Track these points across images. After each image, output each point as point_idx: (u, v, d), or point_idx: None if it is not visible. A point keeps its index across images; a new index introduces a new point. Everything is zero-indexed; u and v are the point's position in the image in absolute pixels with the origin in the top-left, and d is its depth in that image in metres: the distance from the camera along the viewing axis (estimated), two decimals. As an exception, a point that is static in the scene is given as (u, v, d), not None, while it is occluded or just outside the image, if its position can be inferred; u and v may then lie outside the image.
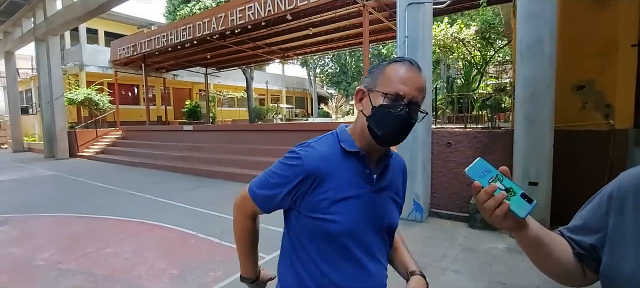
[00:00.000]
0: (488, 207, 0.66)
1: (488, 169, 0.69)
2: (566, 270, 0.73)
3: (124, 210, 5.46)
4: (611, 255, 0.66)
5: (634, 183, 0.67)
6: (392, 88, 0.89)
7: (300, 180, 0.92)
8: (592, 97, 4.08)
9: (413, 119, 0.91)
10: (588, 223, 0.73)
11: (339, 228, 0.93)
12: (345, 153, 0.96)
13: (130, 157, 11.46)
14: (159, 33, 12.16)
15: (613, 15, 3.94)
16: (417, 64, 0.94)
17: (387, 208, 1.02)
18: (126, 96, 18.17)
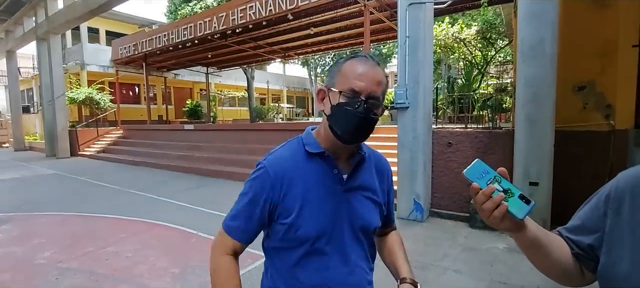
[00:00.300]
0: (486, 209, 0.66)
1: (486, 171, 0.69)
2: (564, 271, 0.74)
3: (125, 209, 5.48)
4: (608, 256, 0.66)
5: (631, 184, 0.67)
6: (348, 85, 0.88)
7: (270, 188, 0.92)
8: (592, 98, 4.08)
9: (372, 115, 0.89)
10: (586, 223, 0.73)
11: (308, 232, 0.92)
12: (310, 156, 0.96)
13: (131, 156, 11.47)
14: (160, 32, 12.17)
15: (613, 16, 3.94)
16: (374, 57, 0.93)
17: (361, 208, 0.99)
18: (127, 95, 18.19)
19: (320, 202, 0.94)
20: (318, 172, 0.95)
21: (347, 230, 0.96)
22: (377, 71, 0.90)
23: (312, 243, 0.93)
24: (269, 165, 0.94)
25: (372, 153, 1.08)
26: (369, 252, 1.04)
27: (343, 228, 0.96)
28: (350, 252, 0.97)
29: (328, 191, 0.95)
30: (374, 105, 0.89)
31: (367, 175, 1.02)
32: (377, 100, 0.89)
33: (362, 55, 0.93)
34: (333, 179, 0.96)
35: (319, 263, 0.94)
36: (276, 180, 0.92)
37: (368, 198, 1.00)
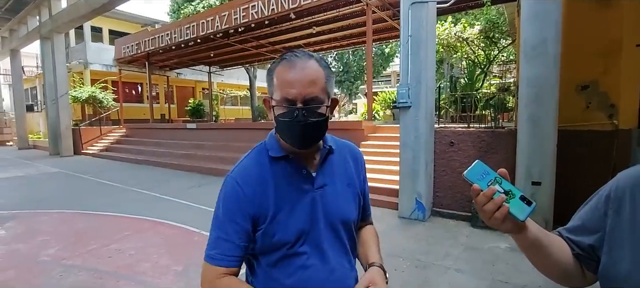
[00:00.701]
0: (487, 210, 0.66)
1: (487, 172, 0.68)
2: (565, 271, 0.74)
3: (128, 207, 5.51)
4: (609, 256, 0.66)
5: (631, 183, 0.67)
6: (281, 94, 0.85)
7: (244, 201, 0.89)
8: (596, 97, 4.06)
9: (314, 118, 0.85)
10: (586, 223, 0.73)
11: (285, 237, 0.90)
12: (275, 160, 0.94)
13: (134, 154, 11.52)
14: (162, 31, 12.21)
15: (617, 15, 3.93)
16: (302, 54, 0.87)
17: (337, 201, 0.97)
18: (130, 94, 18.26)
19: (293, 204, 0.92)
20: (286, 175, 0.93)
21: (324, 228, 0.94)
22: (307, 71, 0.84)
23: (290, 246, 0.91)
24: (237, 178, 0.92)
25: (341, 144, 1.06)
26: (349, 247, 1.01)
27: (320, 227, 0.94)
28: (328, 250, 0.94)
29: (300, 192, 0.93)
30: (313, 109, 0.85)
31: (339, 166, 1.00)
32: (315, 101, 0.85)
33: (290, 54, 0.87)
34: (303, 179, 0.94)
35: (297, 263, 0.92)
36: (248, 192, 0.90)
37: (344, 192, 0.99)
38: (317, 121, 0.86)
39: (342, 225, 0.98)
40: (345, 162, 1.02)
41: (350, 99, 28.03)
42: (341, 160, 1.02)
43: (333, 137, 1.04)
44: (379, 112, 13.07)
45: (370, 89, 8.28)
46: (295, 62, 0.85)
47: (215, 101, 19.74)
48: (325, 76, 0.88)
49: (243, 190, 0.90)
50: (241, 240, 0.90)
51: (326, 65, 0.90)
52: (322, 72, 0.87)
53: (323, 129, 0.90)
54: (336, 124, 9.37)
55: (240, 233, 0.89)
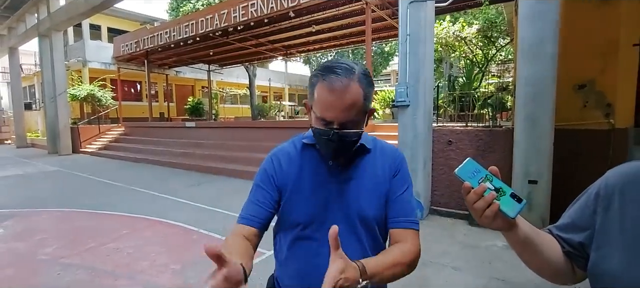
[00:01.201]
0: (478, 208, 0.66)
1: (478, 170, 0.69)
2: (556, 268, 0.75)
3: (127, 206, 5.51)
4: (598, 253, 0.67)
5: (620, 181, 0.68)
6: (319, 111, 0.87)
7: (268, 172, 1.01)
8: (593, 97, 4.08)
9: (348, 138, 0.89)
10: (576, 221, 0.74)
11: (298, 217, 0.98)
12: (306, 147, 1.01)
13: (133, 153, 11.51)
14: (161, 29, 12.19)
15: (615, 15, 3.94)
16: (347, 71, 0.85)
17: (356, 196, 0.98)
18: (129, 92, 18.22)
19: (311, 190, 0.98)
20: (312, 161, 1.00)
21: (340, 220, 0.95)
22: (347, 95, 0.85)
23: (302, 228, 0.98)
24: (272, 154, 1.05)
25: (383, 146, 1.07)
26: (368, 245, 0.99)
27: (336, 218, 0.96)
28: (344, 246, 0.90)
29: (320, 180, 0.98)
30: (347, 133, 0.88)
31: (369, 167, 1.01)
32: (350, 124, 0.88)
33: (333, 73, 0.85)
34: (328, 169, 0.99)
35: (308, 248, 0.98)
36: (273, 166, 1.01)
37: (367, 190, 0.99)
38: (351, 140, 0.91)
39: (360, 221, 0.98)
40: (379, 163, 1.02)
41: (349, 98, 27.90)
42: (375, 161, 1.02)
43: (375, 139, 1.07)
44: (378, 111, 13.07)
45: (369, 88, 8.26)
46: (335, 85, 0.84)
47: (214, 100, 19.73)
48: (364, 96, 0.88)
49: (273, 164, 1.01)
50: (265, 204, 0.98)
51: (367, 82, 0.89)
52: (361, 93, 0.87)
53: (355, 143, 0.94)
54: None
55: (266, 198, 0.99)
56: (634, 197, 0.65)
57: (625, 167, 0.70)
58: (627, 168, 0.70)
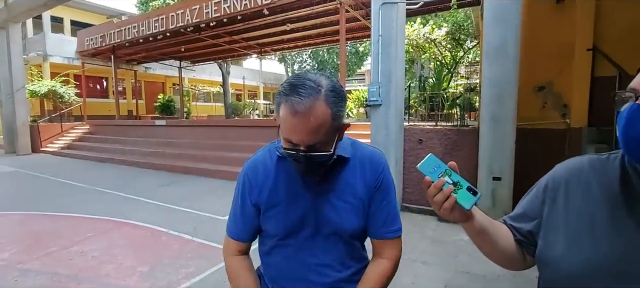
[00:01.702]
0: (437, 201, 0.70)
1: (438, 165, 0.73)
2: (509, 256, 0.80)
3: (91, 207, 5.27)
4: (545, 240, 0.73)
5: (566, 175, 0.75)
6: (285, 133, 0.83)
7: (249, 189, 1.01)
8: (551, 98, 4.33)
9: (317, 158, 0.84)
10: (527, 211, 0.80)
11: (276, 231, 0.98)
12: (281, 159, 0.97)
13: (98, 152, 11.02)
14: (129, 24, 11.72)
15: (570, 21, 4.20)
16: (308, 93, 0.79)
17: (335, 213, 0.96)
18: (94, 89, 17.41)
19: (287, 204, 0.96)
20: (287, 175, 0.97)
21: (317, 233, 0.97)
22: (311, 118, 0.79)
23: (281, 238, 0.99)
24: (246, 169, 1.03)
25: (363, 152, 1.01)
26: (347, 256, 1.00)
27: (311, 231, 0.97)
28: (321, 253, 0.97)
29: (297, 194, 0.96)
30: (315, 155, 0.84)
31: (347, 178, 0.97)
32: (317, 146, 0.83)
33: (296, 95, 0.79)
34: (303, 183, 0.96)
35: (287, 252, 1.00)
36: (252, 182, 1.00)
37: (345, 202, 0.96)
38: (321, 160, 0.86)
39: (336, 235, 0.97)
40: (359, 173, 0.98)
41: (324, 97, 27.99)
42: (354, 170, 0.98)
43: (356, 144, 1.01)
44: (352, 110, 13.22)
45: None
46: (298, 108, 0.78)
47: (186, 97, 19.20)
48: (332, 115, 0.82)
49: (248, 179, 1.01)
50: (249, 221, 1.02)
51: (336, 99, 0.83)
52: (329, 113, 0.81)
53: (328, 161, 0.89)
54: (309, 121, 9.38)
55: (247, 215, 1.02)
56: (576, 189, 0.72)
57: (571, 161, 0.77)
58: (572, 163, 0.77)
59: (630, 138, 0.61)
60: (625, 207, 0.64)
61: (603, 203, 0.67)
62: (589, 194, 0.70)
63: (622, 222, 0.64)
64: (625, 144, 0.63)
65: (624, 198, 0.65)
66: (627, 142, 0.62)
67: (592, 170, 0.72)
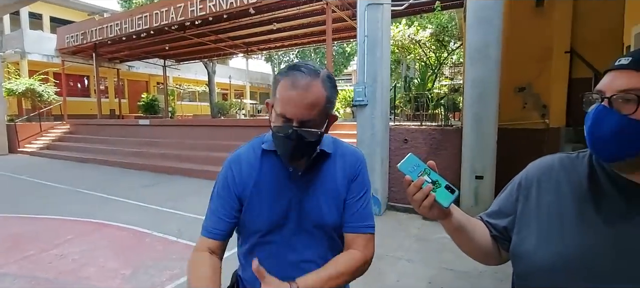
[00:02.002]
0: (417, 199, 0.72)
1: (418, 164, 0.75)
2: (485, 251, 0.83)
3: (72, 209, 5.14)
4: (518, 236, 0.76)
5: (538, 172, 0.78)
6: (280, 108, 0.85)
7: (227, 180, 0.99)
8: (531, 98, 4.46)
9: (307, 137, 0.86)
10: (502, 208, 0.83)
11: (258, 225, 0.97)
12: (266, 152, 0.99)
13: (79, 152, 10.74)
14: (112, 21, 11.46)
15: (549, 25, 4.34)
16: (312, 70, 0.86)
17: (315, 206, 0.97)
18: (75, 88, 16.94)
19: (271, 197, 0.96)
20: (272, 168, 0.98)
21: (300, 227, 0.98)
22: (309, 93, 0.84)
23: (263, 235, 0.98)
24: (229, 161, 1.01)
25: (344, 149, 1.04)
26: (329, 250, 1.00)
27: (295, 226, 0.98)
28: (302, 248, 0.98)
29: (280, 187, 0.97)
30: (306, 132, 0.86)
31: (329, 173, 1.00)
32: (310, 123, 0.86)
33: (297, 70, 0.86)
34: (287, 176, 0.97)
35: (269, 250, 0.98)
36: (235, 175, 0.98)
37: (327, 197, 0.98)
38: (309, 141, 0.88)
39: (318, 228, 0.98)
40: (339, 167, 1.00)
41: (311, 97, 27.96)
42: (335, 166, 1.00)
43: (337, 141, 1.04)
44: (339, 110, 13.28)
45: (329, 87, 8.37)
46: (298, 81, 0.84)
47: (171, 96, 18.88)
48: (327, 98, 0.87)
49: (232, 171, 0.99)
50: (226, 216, 0.98)
51: (331, 85, 0.89)
52: (324, 95, 0.86)
53: (314, 146, 0.92)
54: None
55: (225, 209, 0.98)
56: (547, 186, 0.75)
57: (543, 160, 0.80)
58: (543, 162, 0.80)
59: (596, 138, 0.64)
60: (592, 203, 0.67)
61: (572, 200, 0.70)
62: (559, 191, 0.73)
63: (590, 218, 0.67)
64: (591, 143, 0.66)
65: (592, 194, 0.68)
66: (592, 141, 0.65)
67: (562, 168, 0.75)
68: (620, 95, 0.61)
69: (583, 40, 4.30)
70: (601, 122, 0.63)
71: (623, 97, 0.61)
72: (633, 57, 0.62)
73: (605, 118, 0.63)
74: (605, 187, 0.67)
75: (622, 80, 0.62)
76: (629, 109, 0.60)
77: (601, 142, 0.64)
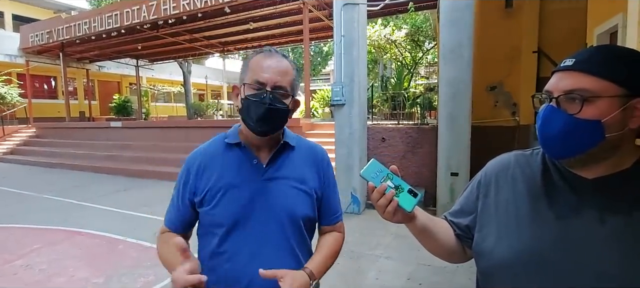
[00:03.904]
0: (381, 205, 0.73)
1: (380, 169, 0.75)
2: (450, 250, 0.85)
3: (39, 216, 4.89)
4: (480, 233, 0.78)
5: (496, 170, 0.80)
6: (254, 77, 0.92)
7: (187, 175, 1.01)
8: (502, 97, 4.63)
9: (280, 104, 0.92)
10: (464, 207, 0.85)
11: (222, 219, 0.95)
12: (229, 146, 1.01)
13: (47, 157, 10.24)
14: (80, 19, 10.99)
15: (517, 26, 4.52)
16: (277, 51, 0.98)
17: (284, 197, 0.98)
18: (41, 89, 16.13)
19: (236, 190, 0.95)
20: (236, 161, 0.98)
21: (266, 220, 0.96)
22: (282, 62, 0.95)
23: (227, 231, 0.95)
24: (188, 157, 1.04)
25: (306, 144, 1.09)
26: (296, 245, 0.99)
27: (262, 217, 0.95)
28: (271, 240, 0.95)
29: (245, 180, 0.96)
30: (280, 95, 0.93)
31: (294, 165, 1.02)
32: (282, 89, 0.93)
33: (267, 49, 0.98)
34: (252, 169, 0.97)
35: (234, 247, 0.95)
36: (190, 167, 1.01)
37: (294, 188, 0.99)
38: (281, 108, 0.93)
39: (289, 220, 0.98)
40: (304, 160, 1.04)
41: (290, 96, 27.84)
42: (300, 158, 1.03)
43: (299, 137, 1.09)
44: (317, 110, 13.30)
45: (307, 87, 8.39)
46: (272, 54, 0.95)
47: (144, 97, 18.30)
48: (294, 75, 0.97)
49: (193, 166, 1.00)
50: (185, 209, 1.01)
51: (297, 72, 1.00)
52: (292, 70, 0.96)
53: (283, 119, 0.96)
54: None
55: (184, 202, 1.01)
56: (504, 183, 0.77)
57: (501, 157, 0.83)
58: (501, 159, 0.82)
59: (545, 137, 0.67)
60: (545, 198, 0.70)
61: (527, 196, 0.73)
62: (515, 188, 0.75)
63: (543, 212, 0.69)
64: (542, 142, 0.69)
65: (545, 190, 0.71)
66: (543, 140, 0.68)
67: (518, 165, 0.78)
68: (566, 95, 0.63)
69: (549, 41, 4.49)
70: (550, 122, 0.65)
71: (568, 97, 0.63)
72: (576, 58, 0.64)
73: (553, 118, 0.65)
74: (557, 183, 0.70)
75: (567, 81, 0.64)
76: (574, 108, 0.62)
77: (550, 140, 0.66)
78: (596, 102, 0.61)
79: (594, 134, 0.62)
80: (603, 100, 0.61)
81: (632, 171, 0.64)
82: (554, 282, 0.64)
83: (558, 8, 4.46)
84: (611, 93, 0.60)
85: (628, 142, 0.64)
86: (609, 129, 0.61)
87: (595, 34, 3.76)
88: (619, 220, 0.62)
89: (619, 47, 0.66)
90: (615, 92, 0.60)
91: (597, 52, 0.64)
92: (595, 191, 0.65)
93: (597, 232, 0.62)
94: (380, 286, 2.97)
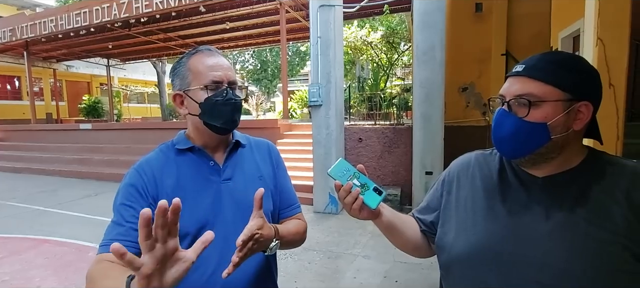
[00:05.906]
0: (347, 202, 0.75)
1: (348, 168, 0.78)
2: (416, 245, 0.89)
3: (2, 224, 4.64)
4: (442, 229, 0.82)
5: (458, 169, 0.85)
6: (207, 79, 0.90)
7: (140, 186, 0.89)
8: (473, 98, 4.80)
9: (238, 98, 0.94)
10: (430, 204, 0.89)
11: (187, 226, 0.89)
12: (181, 152, 0.96)
13: (10, 162, 9.71)
14: (45, 16, 10.46)
15: (487, 29, 4.70)
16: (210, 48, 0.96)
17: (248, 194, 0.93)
18: (3, 90, 15.27)
19: (196, 194, 0.92)
20: (191, 166, 0.94)
21: (233, 220, 0.93)
22: (223, 58, 0.95)
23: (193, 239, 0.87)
24: (137, 167, 0.93)
25: (254, 140, 1.10)
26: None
27: (227, 220, 0.93)
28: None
29: (204, 183, 0.94)
30: (236, 89, 0.95)
31: (249, 162, 1.02)
32: (236, 83, 0.95)
33: (202, 48, 0.95)
34: (209, 171, 0.95)
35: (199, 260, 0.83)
36: (145, 177, 0.90)
37: (254, 184, 0.97)
38: (241, 102, 0.95)
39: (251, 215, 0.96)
40: (257, 156, 1.05)
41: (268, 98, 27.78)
42: (252, 154, 1.04)
43: (245, 135, 1.09)
44: (296, 110, 13.28)
45: (285, 88, 8.37)
46: (212, 52, 0.93)
47: (116, 98, 17.67)
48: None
49: (142, 178, 0.90)
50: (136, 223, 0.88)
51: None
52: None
53: (241, 111, 0.97)
54: (253, 122, 9.24)
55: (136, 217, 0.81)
56: (465, 181, 0.81)
57: (463, 157, 0.87)
58: (463, 159, 0.87)
59: (498, 138, 0.72)
60: (500, 195, 0.75)
61: (483, 193, 0.77)
62: (474, 185, 0.80)
63: (497, 209, 0.74)
64: (495, 143, 0.74)
65: (500, 188, 0.75)
66: (496, 141, 0.73)
67: (477, 164, 0.83)
68: (516, 99, 0.68)
69: (517, 43, 4.70)
70: (502, 124, 0.70)
71: (518, 101, 0.68)
72: (526, 64, 0.69)
73: (505, 120, 0.70)
74: (511, 181, 0.75)
75: (517, 85, 0.69)
76: (523, 112, 0.67)
77: (503, 141, 0.71)
78: (542, 105, 0.65)
79: (540, 135, 0.66)
80: (548, 104, 0.65)
81: (577, 169, 0.69)
82: (506, 274, 0.68)
83: (525, 12, 4.67)
84: (555, 97, 0.65)
85: (574, 143, 0.69)
86: (554, 130, 0.66)
87: (559, 38, 3.96)
88: (563, 215, 0.66)
89: (564, 54, 0.70)
90: (559, 96, 0.65)
91: (543, 58, 0.69)
92: (544, 188, 0.70)
93: (543, 227, 0.67)
94: (358, 284, 3.01)
